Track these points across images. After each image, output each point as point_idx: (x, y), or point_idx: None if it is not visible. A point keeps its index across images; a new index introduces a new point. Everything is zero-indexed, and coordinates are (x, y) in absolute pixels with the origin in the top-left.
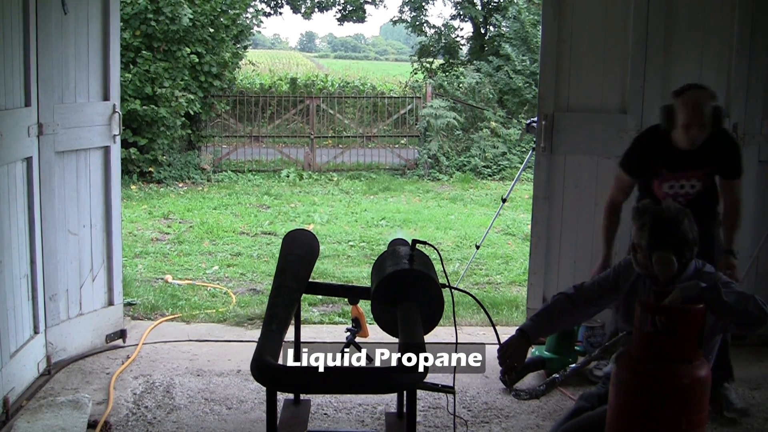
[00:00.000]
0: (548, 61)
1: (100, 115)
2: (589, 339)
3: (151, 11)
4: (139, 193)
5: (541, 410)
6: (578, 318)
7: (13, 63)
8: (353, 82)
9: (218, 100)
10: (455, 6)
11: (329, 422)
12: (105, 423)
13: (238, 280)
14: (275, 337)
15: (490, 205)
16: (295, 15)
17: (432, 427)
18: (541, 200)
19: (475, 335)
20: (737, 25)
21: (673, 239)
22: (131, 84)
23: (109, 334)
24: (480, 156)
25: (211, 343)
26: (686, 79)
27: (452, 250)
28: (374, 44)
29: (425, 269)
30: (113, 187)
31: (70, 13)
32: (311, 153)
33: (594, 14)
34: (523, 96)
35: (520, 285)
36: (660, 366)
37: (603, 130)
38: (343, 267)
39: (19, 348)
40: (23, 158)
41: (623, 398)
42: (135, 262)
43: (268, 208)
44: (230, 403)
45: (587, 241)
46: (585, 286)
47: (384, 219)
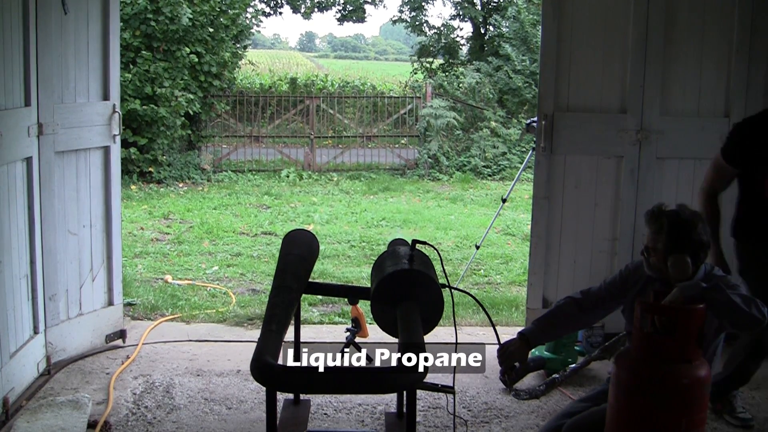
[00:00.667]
0: (548, 61)
1: (100, 115)
2: (589, 339)
3: (151, 11)
4: (139, 193)
5: (541, 410)
6: (584, 323)
7: (13, 63)
8: (353, 82)
9: (218, 100)
10: (455, 6)
11: (329, 422)
12: (105, 423)
13: (238, 280)
14: (275, 337)
15: (490, 205)
16: (295, 15)
17: (432, 427)
18: (541, 200)
19: (475, 335)
20: (737, 25)
21: (689, 242)
22: (131, 84)
23: (108, 334)
24: (480, 156)
25: (211, 343)
26: (686, 79)
27: (452, 250)
28: (374, 44)
29: (425, 269)
30: (113, 187)
31: (70, 13)
32: (311, 153)
33: (594, 14)
34: (523, 96)
35: (520, 285)
36: (660, 366)
37: (603, 130)
38: (343, 267)
39: (19, 348)
40: (23, 158)
41: (623, 398)
42: (135, 262)
43: (268, 208)
44: (230, 403)
45: (587, 241)
46: (592, 290)
47: (384, 219)
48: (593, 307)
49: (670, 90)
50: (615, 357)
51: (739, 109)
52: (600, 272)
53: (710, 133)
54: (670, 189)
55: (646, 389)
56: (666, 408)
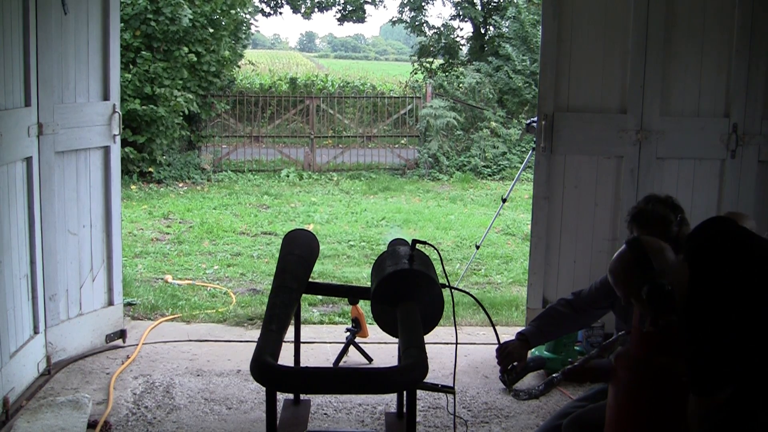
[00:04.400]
0: (548, 61)
1: (100, 115)
2: (589, 339)
3: (151, 11)
4: (139, 193)
5: (541, 410)
6: (580, 323)
7: (13, 63)
8: (353, 82)
9: (218, 99)
10: (455, 6)
11: (329, 422)
12: (105, 423)
13: (238, 280)
14: (275, 337)
15: (490, 205)
16: (295, 15)
17: (432, 427)
18: (541, 200)
19: (475, 335)
20: (737, 25)
21: None
22: (131, 84)
23: (109, 334)
24: (480, 156)
25: (211, 343)
26: (686, 79)
27: (452, 250)
28: (374, 44)
29: (425, 269)
30: (113, 187)
31: (70, 13)
32: (311, 153)
33: (594, 14)
34: (523, 96)
35: (520, 285)
36: (659, 364)
37: (603, 130)
38: (343, 267)
39: (19, 348)
40: (23, 158)
41: (623, 397)
42: (135, 262)
43: (268, 208)
44: (230, 403)
45: (587, 241)
46: (584, 291)
47: (384, 219)
48: (587, 307)
49: (670, 90)
50: (614, 356)
51: (739, 109)
52: (600, 272)
53: (710, 133)
54: (670, 189)
55: (645, 388)
56: (666, 406)
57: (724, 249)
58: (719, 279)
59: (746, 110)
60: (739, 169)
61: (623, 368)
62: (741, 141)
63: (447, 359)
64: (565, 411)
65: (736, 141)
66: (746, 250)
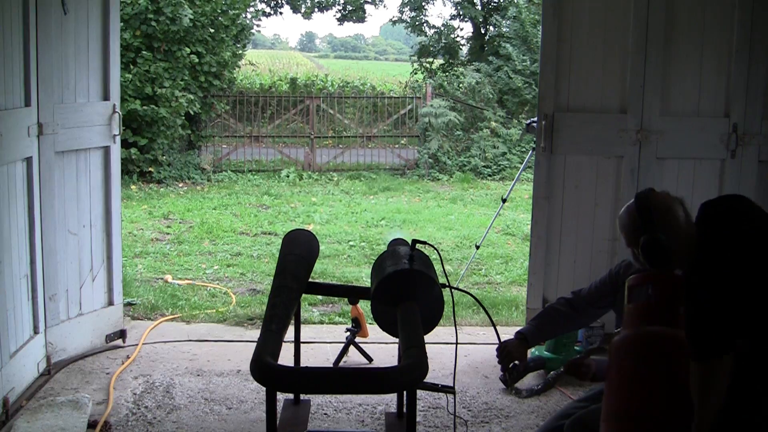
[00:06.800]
0: (548, 61)
1: (100, 115)
2: (589, 339)
3: (152, 11)
4: (139, 193)
5: (541, 410)
6: (579, 322)
7: (13, 63)
8: (353, 82)
9: (218, 100)
10: (455, 6)
11: (329, 422)
12: (105, 423)
13: (238, 280)
14: (275, 337)
15: (490, 205)
16: (295, 15)
17: (432, 427)
18: (541, 200)
19: (475, 335)
20: (737, 25)
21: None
22: (131, 84)
23: (109, 334)
24: (480, 156)
25: (211, 343)
26: (686, 78)
27: (452, 250)
28: (374, 44)
29: (425, 269)
30: (113, 187)
31: (70, 13)
32: (311, 153)
33: (594, 14)
34: (523, 96)
35: (520, 285)
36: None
37: (603, 130)
38: (343, 267)
39: (19, 348)
40: (23, 158)
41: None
42: (135, 262)
43: (268, 208)
44: (230, 403)
45: (587, 241)
46: (583, 290)
47: (384, 219)
48: (586, 306)
49: (670, 90)
50: (609, 343)
51: (739, 109)
52: (600, 272)
53: (710, 133)
54: (670, 189)
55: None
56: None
57: (737, 217)
58: (729, 245)
59: (746, 110)
60: (739, 169)
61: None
62: (741, 141)
63: (447, 359)
64: (566, 411)
65: (736, 141)
66: (759, 222)
